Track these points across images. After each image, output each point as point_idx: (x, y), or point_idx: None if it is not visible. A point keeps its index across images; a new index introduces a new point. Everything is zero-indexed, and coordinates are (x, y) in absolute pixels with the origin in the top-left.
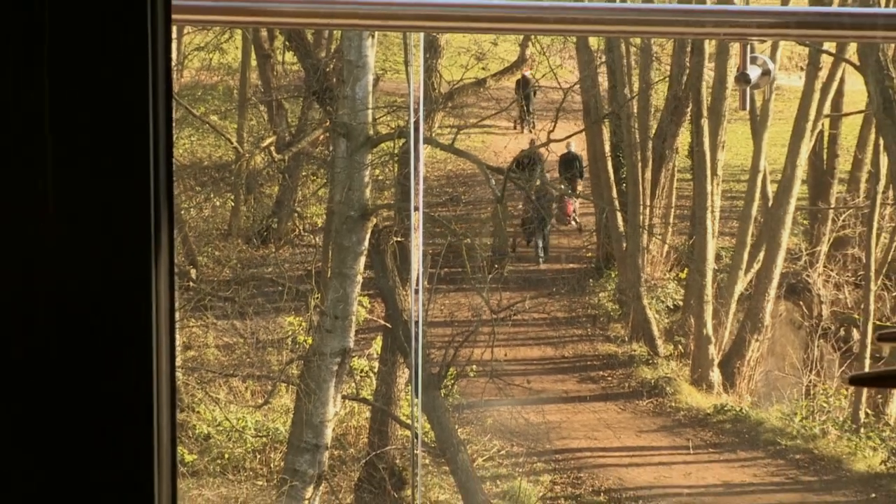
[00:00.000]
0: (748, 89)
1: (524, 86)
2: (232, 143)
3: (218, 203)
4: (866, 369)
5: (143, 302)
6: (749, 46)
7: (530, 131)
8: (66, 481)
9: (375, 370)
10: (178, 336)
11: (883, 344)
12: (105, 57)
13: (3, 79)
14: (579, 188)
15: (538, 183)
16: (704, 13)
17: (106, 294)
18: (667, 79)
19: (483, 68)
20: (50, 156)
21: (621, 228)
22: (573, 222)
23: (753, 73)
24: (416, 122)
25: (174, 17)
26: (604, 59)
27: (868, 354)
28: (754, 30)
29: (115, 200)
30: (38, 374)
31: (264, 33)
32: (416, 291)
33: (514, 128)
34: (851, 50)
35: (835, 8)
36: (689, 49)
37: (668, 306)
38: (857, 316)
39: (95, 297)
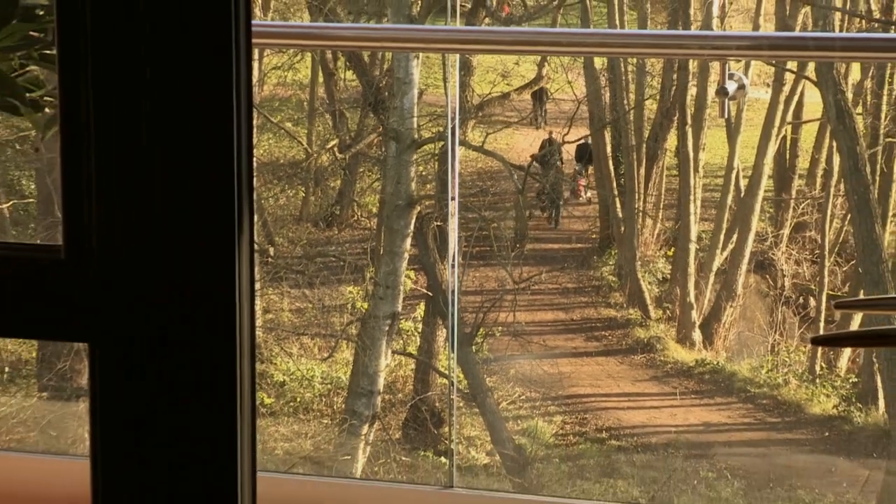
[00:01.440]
0: (726, 101)
1: (540, 98)
2: (303, 145)
3: (291, 194)
4: (821, 331)
5: (228, 274)
6: (727, 65)
7: (543, 129)
8: (163, 421)
9: (419, 330)
10: (258, 301)
11: (837, 311)
12: (197, 76)
13: (117, 100)
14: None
15: (554, 169)
16: (690, 38)
17: (198, 268)
18: (658, 92)
19: (507, 84)
20: (155, 157)
21: (620, 214)
22: (583, 196)
23: (731, 87)
24: (453, 128)
25: (255, 41)
26: (607, 76)
27: (823, 319)
28: (732, 51)
29: (205, 192)
30: (143, 333)
31: (329, 55)
32: (453, 266)
33: (532, 123)
34: (810, 68)
35: (800, 33)
36: (676, 67)
37: (658, 278)
38: (813, 287)
39: (190, 270)
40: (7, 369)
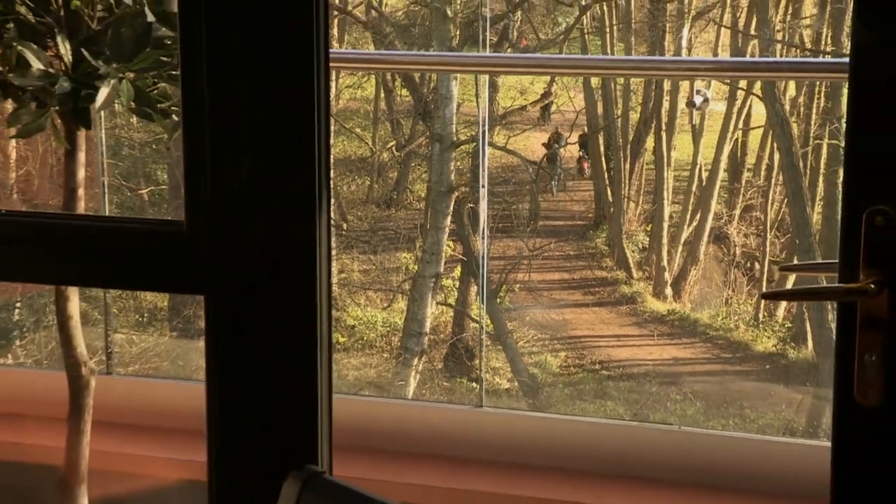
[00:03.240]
0: (693, 111)
1: (549, 108)
2: (368, 146)
3: (360, 182)
4: (764, 289)
5: (310, 243)
6: (694, 83)
7: (547, 128)
8: (261, 354)
9: (456, 286)
10: (334, 264)
11: (780, 273)
12: (288, 92)
13: (226, 110)
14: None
15: (558, 155)
16: (665, 62)
17: (288, 240)
18: (640, 105)
19: (524, 98)
20: (255, 154)
21: (610, 199)
22: (586, 173)
23: (697, 100)
24: (483, 132)
25: (332, 65)
26: (600, 92)
27: (765, 279)
28: (699, 72)
29: (293, 181)
30: (245, 288)
31: (389, 76)
32: (483, 238)
33: (543, 128)
34: (757, 86)
35: (753, 58)
36: (654, 85)
37: (639, 248)
38: (758, 255)
39: (282, 241)
40: (146, 314)
